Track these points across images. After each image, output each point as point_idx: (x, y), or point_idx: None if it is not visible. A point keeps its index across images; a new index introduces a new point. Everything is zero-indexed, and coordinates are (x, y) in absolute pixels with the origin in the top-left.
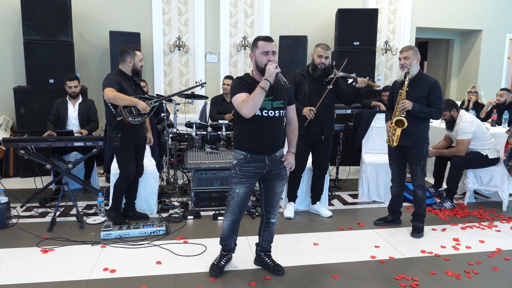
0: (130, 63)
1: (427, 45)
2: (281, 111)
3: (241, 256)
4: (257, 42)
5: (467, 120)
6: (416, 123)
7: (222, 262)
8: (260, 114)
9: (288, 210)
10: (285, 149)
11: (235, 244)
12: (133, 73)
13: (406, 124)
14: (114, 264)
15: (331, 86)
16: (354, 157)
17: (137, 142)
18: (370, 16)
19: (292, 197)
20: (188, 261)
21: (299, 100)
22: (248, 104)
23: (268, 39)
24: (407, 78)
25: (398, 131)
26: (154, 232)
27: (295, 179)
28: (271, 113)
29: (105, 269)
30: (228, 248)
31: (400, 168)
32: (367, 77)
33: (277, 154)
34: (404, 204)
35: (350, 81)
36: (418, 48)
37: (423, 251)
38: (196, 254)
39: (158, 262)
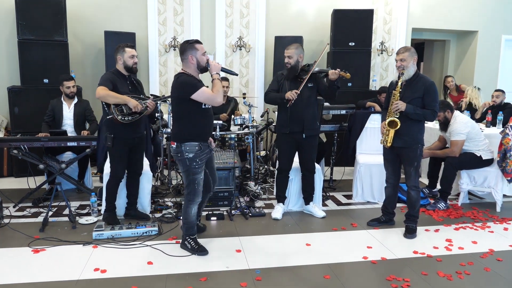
0: (120, 61)
1: (423, 46)
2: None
3: (232, 256)
4: (195, 45)
5: (461, 121)
6: (410, 124)
7: (200, 243)
8: (207, 107)
9: (276, 211)
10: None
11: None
12: (127, 71)
13: (399, 125)
14: (105, 264)
15: (311, 84)
16: (348, 158)
17: (132, 142)
18: (365, 17)
19: (280, 197)
20: (179, 262)
21: None
22: (220, 94)
23: (200, 41)
24: (401, 79)
25: (392, 132)
26: (146, 233)
27: (282, 180)
28: (208, 105)
29: (96, 269)
30: (195, 232)
31: (395, 168)
32: (338, 69)
33: None
34: (398, 204)
35: (323, 74)
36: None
37: (415, 252)
38: (187, 255)
39: (150, 263)
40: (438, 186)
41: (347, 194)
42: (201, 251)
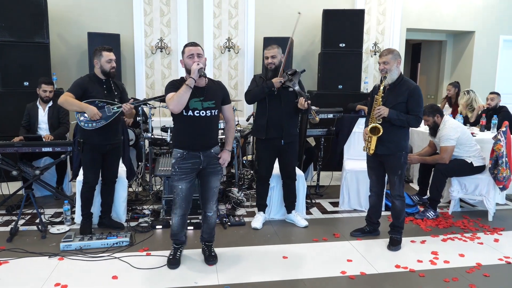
0: (97, 65)
1: (420, 47)
2: (213, 111)
3: (203, 270)
4: (184, 49)
5: (451, 126)
6: (393, 130)
7: (177, 256)
8: (192, 114)
9: (256, 220)
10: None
11: (186, 237)
12: (105, 75)
13: (381, 131)
14: (68, 278)
15: (292, 89)
16: (336, 163)
17: (104, 149)
18: (356, 17)
19: (261, 206)
20: (145, 276)
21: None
22: (173, 101)
23: (193, 44)
24: (383, 83)
25: (374, 138)
26: (116, 243)
27: (262, 188)
28: (202, 113)
29: (57, 285)
30: (180, 242)
31: (379, 177)
32: (309, 102)
33: (212, 151)
34: (385, 213)
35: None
36: (410, 50)
37: (397, 266)
38: (156, 267)
39: (114, 277)
40: (429, 194)
41: (333, 201)
42: (172, 264)
